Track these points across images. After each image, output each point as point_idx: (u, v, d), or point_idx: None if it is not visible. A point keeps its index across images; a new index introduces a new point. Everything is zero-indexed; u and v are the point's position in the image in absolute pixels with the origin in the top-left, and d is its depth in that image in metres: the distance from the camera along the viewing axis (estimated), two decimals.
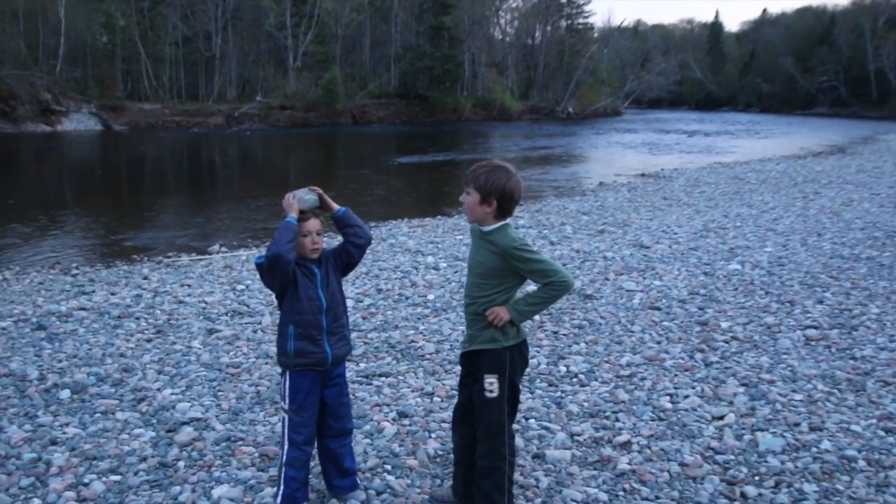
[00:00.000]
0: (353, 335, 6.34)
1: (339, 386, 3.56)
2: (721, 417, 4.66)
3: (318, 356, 3.42)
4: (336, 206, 3.48)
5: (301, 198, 3.39)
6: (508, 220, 3.27)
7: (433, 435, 4.44)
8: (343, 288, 3.58)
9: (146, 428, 4.59)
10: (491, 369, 3.29)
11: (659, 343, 6.14)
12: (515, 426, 4.04)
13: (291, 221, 3.31)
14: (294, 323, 3.39)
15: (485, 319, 3.29)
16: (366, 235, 3.53)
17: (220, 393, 5.16)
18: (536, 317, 6.47)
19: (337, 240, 3.59)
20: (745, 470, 4.02)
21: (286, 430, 3.45)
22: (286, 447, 3.45)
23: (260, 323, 6.83)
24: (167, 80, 53.78)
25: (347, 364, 5.30)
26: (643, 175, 21.44)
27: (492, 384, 3.27)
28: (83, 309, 7.44)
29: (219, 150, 34.58)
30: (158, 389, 5.21)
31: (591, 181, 20.68)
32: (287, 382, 3.43)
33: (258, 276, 8.40)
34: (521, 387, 3.48)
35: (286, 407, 3.44)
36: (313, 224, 3.41)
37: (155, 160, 29.94)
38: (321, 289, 3.42)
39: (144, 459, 4.18)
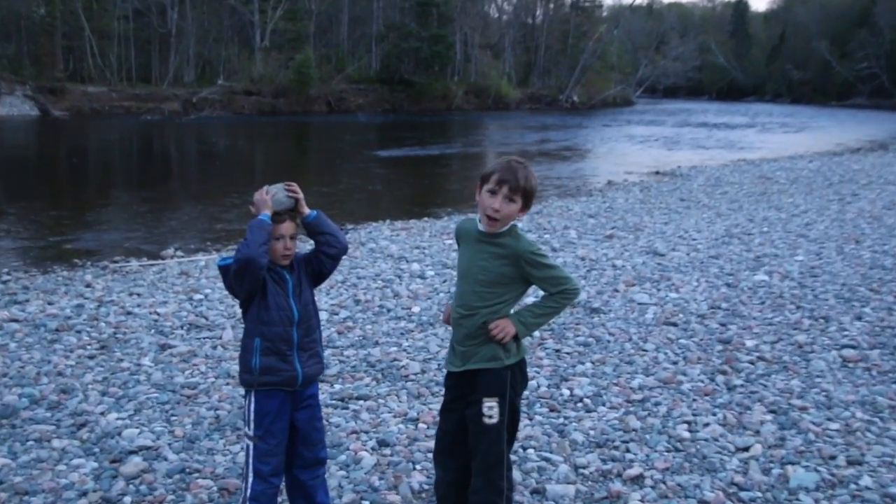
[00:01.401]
0: (327, 352, 6.32)
1: (312, 409, 3.55)
2: (746, 448, 4.65)
3: (287, 374, 3.41)
4: (307, 210, 3.47)
5: (276, 195, 3.38)
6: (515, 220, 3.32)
7: (418, 466, 4.43)
8: (315, 298, 3.57)
9: (87, 458, 4.55)
10: (491, 391, 3.31)
11: (675, 363, 6.15)
12: (512, 457, 4.03)
13: (265, 220, 3.31)
14: (261, 335, 3.39)
15: (483, 334, 3.31)
16: (341, 244, 3.53)
17: (173, 418, 5.12)
18: (536, 333, 6.46)
19: (308, 244, 3.58)
20: None
21: (250, 460, 3.43)
22: (250, 479, 3.43)
23: (220, 338, 6.81)
24: (115, 60, 53.65)
25: (321, 385, 5.41)
26: (657, 173, 21.58)
27: (491, 408, 3.29)
28: (15, 320, 7.40)
29: (174, 141, 34.54)
30: (102, 414, 5.17)
31: (598, 180, 20.78)
32: (251, 404, 3.42)
33: (219, 283, 8.48)
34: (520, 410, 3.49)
35: (250, 433, 3.42)
36: (287, 227, 3.40)
37: (100, 151, 29.85)
38: (293, 298, 3.42)
39: (85, 494, 4.13)
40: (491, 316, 3.31)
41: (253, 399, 3.42)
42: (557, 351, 6.41)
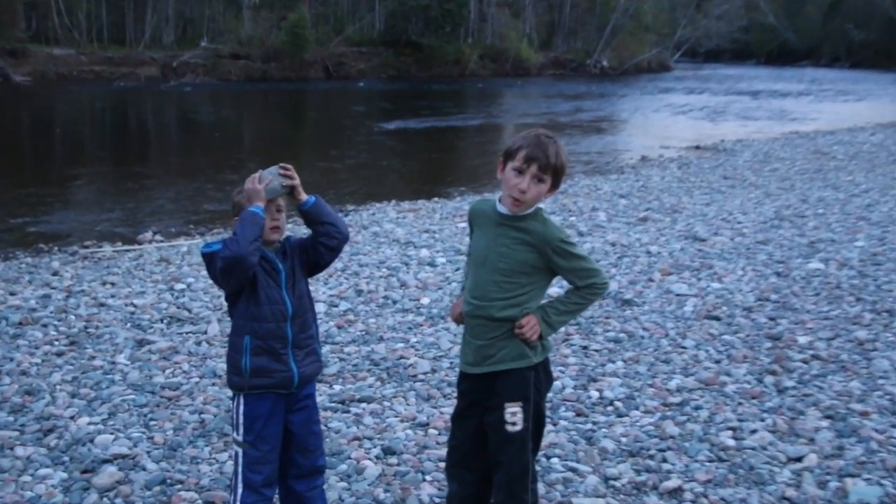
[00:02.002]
0: (326, 349, 6.33)
1: (308, 410, 3.57)
2: (799, 459, 4.65)
3: (282, 375, 3.43)
4: (304, 195, 3.46)
5: (270, 183, 3.37)
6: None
7: (428, 477, 4.43)
8: (311, 289, 3.60)
9: (55, 467, 4.55)
10: (514, 395, 3.32)
11: (718, 362, 6.16)
12: (536, 467, 3.97)
13: (257, 213, 3.32)
14: (251, 333, 3.40)
15: (505, 329, 3.32)
16: (342, 234, 3.53)
17: (152, 422, 5.13)
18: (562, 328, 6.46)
19: (301, 228, 3.59)
20: None
21: (240, 469, 3.45)
22: (239, 491, 3.44)
23: (205, 332, 6.82)
24: (84, 19, 53.65)
25: (319, 386, 5.45)
26: (698, 148, 21.55)
27: (514, 414, 3.31)
28: None
29: (152, 111, 34.59)
30: (72, 418, 5.18)
31: (630, 155, 20.75)
32: (241, 407, 3.44)
33: (204, 271, 8.50)
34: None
35: (239, 438, 3.44)
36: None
37: (68, 122, 29.88)
38: (286, 290, 3.44)
39: None
40: (510, 309, 3.31)
41: (242, 402, 3.44)
42: (585, 348, 6.41)
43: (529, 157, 3.24)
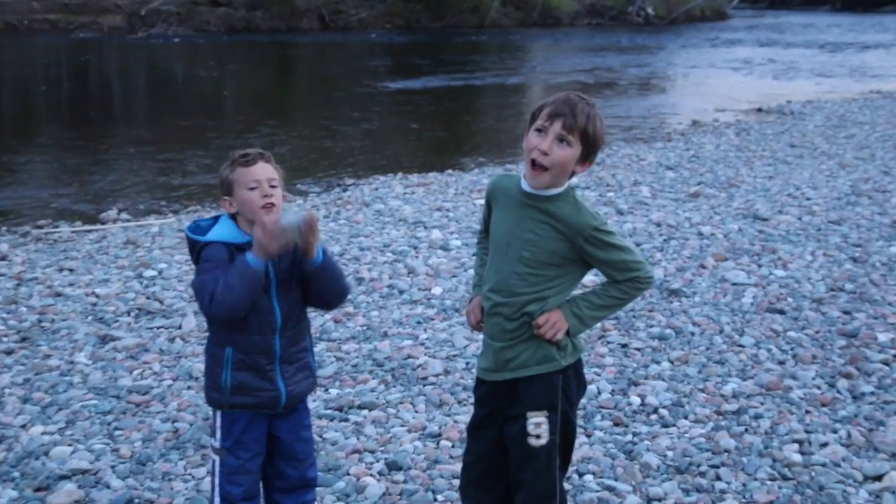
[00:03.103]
0: (321, 347, 6.36)
1: (298, 414, 3.64)
2: (878, 477, 4.64)
3: (267, 395, 3.49)
4: (315, 251, 3.43)
5: (290, 228, 3.32)
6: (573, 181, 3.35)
7: (440, 497, 4.44)
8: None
9: (4, 485, 4.56)
10: (538, 404, 3.34)
11: (782, 363, 6.15)
12: (566, 485, 4.03)
13: (259, 269, 3.31)
14: (233, 344, 3.45)
15: (528, 329, 3.32)
16: (341, 300, 3.70)
17: (117, 432, 5.15)
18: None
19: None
20: None
21: (217, 480, 3.51)
22: None
23: (179, 327, 6.84)
24: None
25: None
26: (760, 110, 21.40)
27: (539, 425, 3.33)
28: None
29: (117, 67, 34.47)
30: (23, 427, 5.19)
31: (680, 119, 20.60)
32: (219, 418, 3.53)
33: (178, 255, 8.53)
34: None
35: (217, 444, 3.51)
36: (262, 170, 3.42)
37: (18, 80, 29.89)
38: (276, 297, 3.47)
39: None
40: (535, 305, 3.32)
41: (219, 415, 3.53)
42: (624, 346, 6.42)
43: (553, 114, 3.23)
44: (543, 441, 3.31)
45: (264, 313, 3.42)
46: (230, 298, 3.26)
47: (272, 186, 3.41)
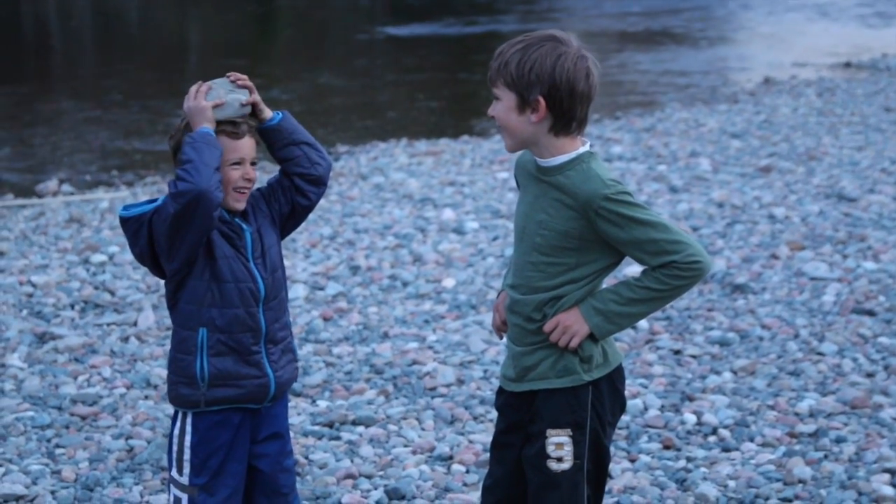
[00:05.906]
0: (307, 349, 6.27)
1: (280, 438, 3.48)
2: None
3: (255, 383, 3.32)
4: (269, 112, 3.41)
5: (221, 97, 3.26)
6: (588, 144, 3.12)
7: None
8: (286, 263, 3.61)
9: None
10: (560, 420, 3.14)
11: (871, 376, 5.90)
12: None
13: (209, 133, 3.20)
14: (208, 324, 3.27)
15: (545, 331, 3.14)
16: (325, 159, 3.50)
17: (59, 451, 5.06)
18: (643, 322, 6.35)
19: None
20: None
21: None
22: None
23: (134, 323, 6.77)
24: None
25: (297, 401, 5.48)
26: (848, 65, 20.83)
27: (561, 446, 3.13)
28: None
29: (56, 6, 34.16)
30: None
31: (748, 76, 20.16)
32: (187, 436, 3.33)
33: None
34: (611, 448, 3.39)
35: (184, 480, 3.33)
36: (248, 146, 3.34)
37: None
38: (254, 260, 3.34)
39: None
40: (551, 302, 3.12)
41: (190, 426, 3.33)
42: (677, 353, 6.24)
43: (489, 71, 3.19)
44: (566, 465, 3.13)
45: (245, 281, 3.31)
46: (195, 172, 3.10)
47: (253, 165, 3.37)
